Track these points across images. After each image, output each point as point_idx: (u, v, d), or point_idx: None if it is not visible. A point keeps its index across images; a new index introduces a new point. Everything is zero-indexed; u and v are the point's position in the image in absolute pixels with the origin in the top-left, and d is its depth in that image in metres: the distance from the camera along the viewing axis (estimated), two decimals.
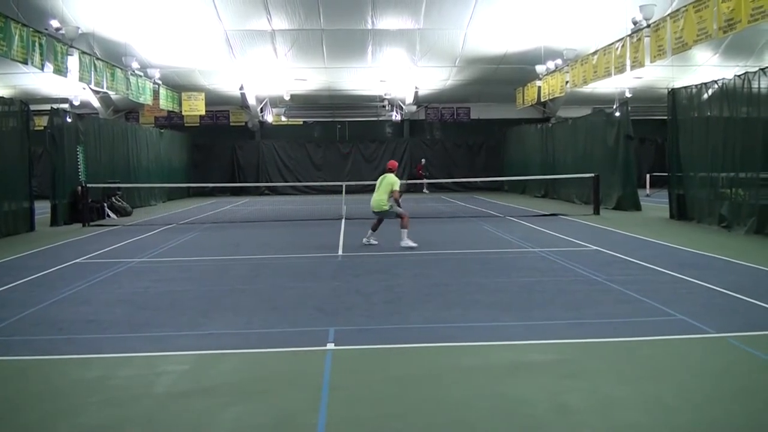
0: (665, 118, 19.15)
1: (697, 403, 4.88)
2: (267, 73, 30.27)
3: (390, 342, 6.62)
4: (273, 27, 25.19)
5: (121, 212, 22.65)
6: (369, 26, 25.52)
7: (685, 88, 17.77)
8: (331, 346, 6.41)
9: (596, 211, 19.86)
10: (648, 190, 29.57)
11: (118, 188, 23.46)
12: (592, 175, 20.41)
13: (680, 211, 17.69)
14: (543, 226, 16.73)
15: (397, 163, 14.43)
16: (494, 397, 5.02)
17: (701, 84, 16.90)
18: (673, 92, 18.20)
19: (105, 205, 21.96)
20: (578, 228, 16.44)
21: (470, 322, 7.27)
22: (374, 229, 13.78)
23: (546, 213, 20.60)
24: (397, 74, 31.03)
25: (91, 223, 19.32)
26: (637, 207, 21.39)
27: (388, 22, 25.19)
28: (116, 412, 4.90)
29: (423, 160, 36.38)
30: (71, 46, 19.71)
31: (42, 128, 24.93)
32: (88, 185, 19.99)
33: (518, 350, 6.22)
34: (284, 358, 6.18)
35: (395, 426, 4.57)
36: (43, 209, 19.86)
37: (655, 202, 23.69)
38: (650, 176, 30.36)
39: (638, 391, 5.08)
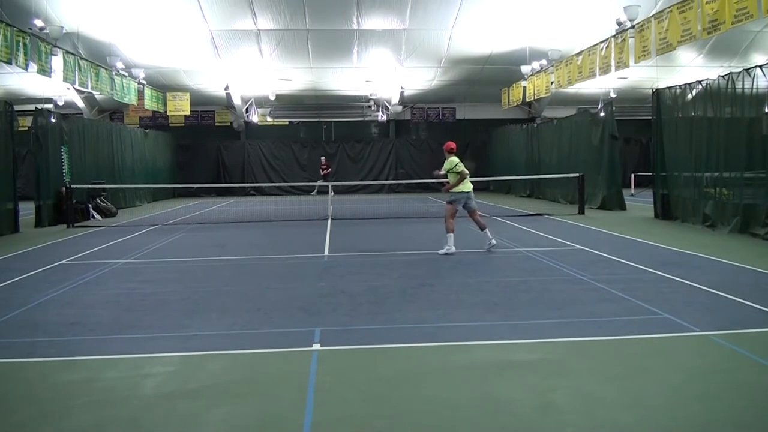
0: (650, 118, 19.28)
1: (682, 401, 4.91)
2: (252, 73, 30.21)
3: (376, 342, 6.62)
4: (258, 27, 25.15)
5: (106, 213, 22.54)
6: (354, 26, 25.52)
7: (670, 88, 17.88)
8: (317, 346, 6.41)
9: (581, 211, 19.95)
10: (633, 190, 29.77)
11: (103, 189, 23.34)
12: (577, 174, 20.49)
13: (665, 211, 17.80)
14: (528, 226, 16.79)
15: (453, 144, 12.73)
16: (479, 397, 5.02)
17: (685, 84, 17.01)
18: (658, 93, 18.31)
19: (90, 206, 21.85)
20: (563, 227, 16.51)
21: (455, 321, 7.28)
22: (481, 228, 12.68)
23: (531, 213, 20.67)
24: (382, 74, 31.06)
25: (76, 224, 19.20)
26: (621, 206, 21.51)
27: (374, 22, 25.20)
28: (101, 414, 4.88)
29: (323, 158, 35.55)
30: (55, 46, 19.59)
31: (26, 129, 24.78)
32: (72, 186, 19.86)
33: (503, 350, 6.24)
34: (270, 359, 6.17)
35: (381, 426, 4.57)
36: (27, 210, 19.73)
37: (640, 202, 23.83)
38: (635, 176, 30.60)
39: (623, 390, 5.10)
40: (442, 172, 12.59)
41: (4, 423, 4.77)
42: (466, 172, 12.41)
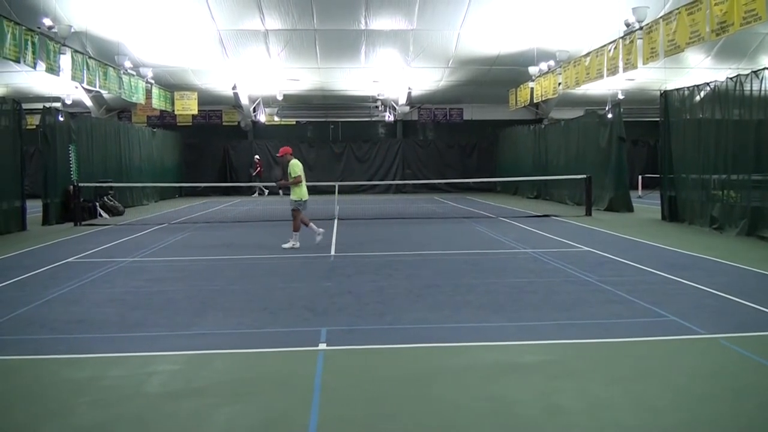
0: (657, 120, 19.21)
1: (688, 404, 4.90)
2: (260, 72, 30.25)
3: (381, 342, 6.62)
4: (266, 27, 25.18)
5: (113, 211, 22.58)
6: (362, 27, 25.53)
7: (678, 90, 17.82)
8: (322, 346, 6.41)
9: (588, 213, 19.90)
10: (640, 192, 29.69)
11: (110, 187, 23.40)
12: (585, 176, 20.45)
13: (672, 213, 17.75)
14: (535, 227, 16.76)
15: (287, 149, 14.38)
16: (485, 398, 5.02)
17: (693, 86, 16.95)
18: (666, 94, 18.24)
19: (97, 204, 21.89)
20: (570, 229, 16.48)
21: (461, 322, 7.27)
22: (304, 224, 13.61)
23: (538, 214, 20.63)
24: (390, 75, 31.05)
25: (83, 223, 19.26)
26: (629, 208, 21.44)
27: (382, 22, 25.21)
28: (107, 412, 4.89)
29: (257, 157, 35.57)
30: (64, 45, 19.65)
31: (34, 127, 24.87)
32: (80, 184, 19.94)
33: (509, 351, 6.22)
34: (276, 359, 6.18)
35: (386, 426, 4.57)
36: (35, 208, 19.79)
37: (647, 204, 23.77)
38: (642, 178, 30.47)
39: (628, 392, 5.09)
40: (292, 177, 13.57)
41: (9, 420, 4.80)
42: (301, 178, 13.48)
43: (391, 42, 27.07)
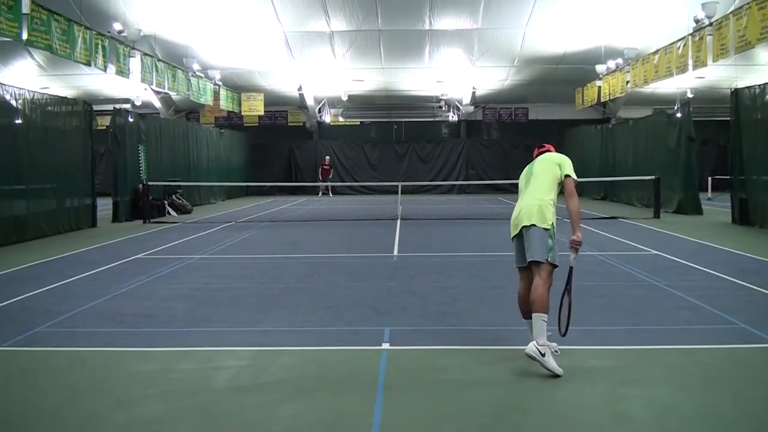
0: (728, 119, 18.69)
1: (757, 414, 4.76)
2: (325, 73, 30.45)
3: (445, 344, 6.60)
4: (331, 28, 25.33)
5: (182, 210, 23.06)
6: (426, 27, 25.46)
7: (749, 88, 17.27)
8: (386, 345, 6.43)
9: (656, 215, 19.47)
10: (709, 194, 28.89)
11: (179, 186, 23.91)
12: (653, 177, 20.02)
13: (742, 216, 17.21)
14: (602, 229, 16.47)
15: None
16: (549, 402, 4.97)
17: (765, 84, 16.42)
18: (737, 92, 17.69)
19: (165, 202, 22.41)
20: (638, 231, 16.16)
21: (526, 325, 7.18)
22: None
23: (605, 216, 20.27)
24: (454, 75, 30.91)
25: (152, 220, 19.73)
26: (698, 211, 20.87)
27: (446, 22, 25.10)
28: (174, 404, 5.01)
29: (327, 157, 35.84)
30: (133, 48, 20.11)
31: (104, 128, 25.54)
32: (149, 183, 20.43)
33: (575, 356, 6.12)
34: (340, 357, 6.22)
35: (449, 427, 4.56)
36: (105, 206, 20.34)
37: (717, 206, 23.13)
38: (712, 179, 29.67)
39: (696, 401, 4.97)
40: None
41: (79, 409, 4.94)
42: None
43: (456, 42, 26.94)
